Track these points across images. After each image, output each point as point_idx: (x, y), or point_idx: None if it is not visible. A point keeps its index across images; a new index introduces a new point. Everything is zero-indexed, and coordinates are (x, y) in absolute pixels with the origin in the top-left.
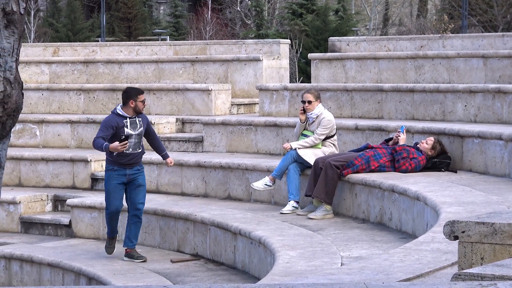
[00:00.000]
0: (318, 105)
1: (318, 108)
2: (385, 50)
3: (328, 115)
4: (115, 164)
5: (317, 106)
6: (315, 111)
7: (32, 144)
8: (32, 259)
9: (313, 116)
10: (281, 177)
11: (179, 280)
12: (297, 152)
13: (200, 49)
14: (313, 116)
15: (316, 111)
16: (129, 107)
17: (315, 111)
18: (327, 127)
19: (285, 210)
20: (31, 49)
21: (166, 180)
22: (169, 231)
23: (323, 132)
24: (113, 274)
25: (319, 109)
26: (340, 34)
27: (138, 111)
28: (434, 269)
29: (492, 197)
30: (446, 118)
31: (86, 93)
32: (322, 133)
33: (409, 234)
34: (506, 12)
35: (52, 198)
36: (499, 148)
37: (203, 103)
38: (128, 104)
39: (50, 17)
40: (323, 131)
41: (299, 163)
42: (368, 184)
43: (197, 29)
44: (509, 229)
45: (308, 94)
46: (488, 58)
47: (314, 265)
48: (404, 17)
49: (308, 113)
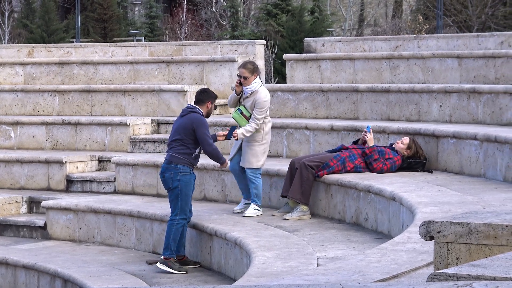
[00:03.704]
0: (255, 80)
1: (255, 83)
2: (360, 50)
3: (264, 94)
4: (192, 166)
5: (254, 81)
6: (251, 87)
7: (7, 146)
8: (7, 261)
9: (249, 91)
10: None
11: (155, 281)
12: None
13: (175, 50)
14: (249, 91)
15: (252, 86)
16: (205, 107)
17: (251, 86)
18: (264, 109)
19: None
20: (5, 51)
21: (142, 181)
22: (144, 233)
23: (261, 115)
24: (89, 276)
25: (255, 84)
26: (316, 34)
27: (209, 114)
28: (410, 269)
29: (468, 197)
30: (421, 119)
31: (61, 94)
32: (261, 116)
33: (385, 234)
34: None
35: (27, 200)
36: (474, 148)
37: (178, 104)
38: (205, 105)
39: (24, 18)
40: (261, 114)
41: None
42: (344, 184)
43: (172, 30)
44: (484, 229)
45: (243, 69)
46: (463, 58)
47: (290, 266)
48: (379, 17)
49: (244, 87)
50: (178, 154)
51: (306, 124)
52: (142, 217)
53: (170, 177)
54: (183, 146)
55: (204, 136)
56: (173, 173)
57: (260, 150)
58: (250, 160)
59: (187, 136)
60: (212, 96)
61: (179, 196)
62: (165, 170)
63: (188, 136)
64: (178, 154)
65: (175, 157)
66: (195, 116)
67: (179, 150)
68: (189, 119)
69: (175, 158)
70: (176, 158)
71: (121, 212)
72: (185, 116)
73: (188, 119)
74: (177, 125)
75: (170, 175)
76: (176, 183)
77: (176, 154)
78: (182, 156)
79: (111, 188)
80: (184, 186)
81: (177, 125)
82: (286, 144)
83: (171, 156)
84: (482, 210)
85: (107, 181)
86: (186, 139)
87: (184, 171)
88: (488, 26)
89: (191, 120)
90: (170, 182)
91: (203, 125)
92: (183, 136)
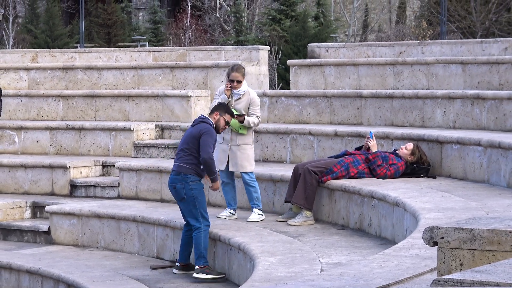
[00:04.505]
0: (244, 82)
1: (244, 85)
2: (364, 56)
3: (255, 94)
4: (200, 177)
5: (244, 83)
6: (242, 88)
7: (11, 151)
8: (11, 266)
9: (240, 93)
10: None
11: (158, 286)
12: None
13: (179, 56)
14: (240, 93)
15: (243, 88)
16: (212, 118)
17: (242, 88)
18: (259, 106)
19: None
20: (10, 56)
21: (146, 186)
22: (148, 238)
23: (259, 112)
24: (92, 281)
25: (245, 86)
26: (320, 40)
27: (218, 127)
28: (414, 275)
29: (471, 203)
30: (425, 124)
31: (65, 99)
32: (259, 112)
33: (388, 240)
34: (484, 19)
35: (31, 205)
36: (478, 154)
37: (182, 109)
38: (212, 115)
39: (28, 24)
40: (259, 111)
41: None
42: (347, 190)
43: (176, 35)
44: (488, 235)
45: (237, 73)
46: (467, 64)
47: (293, 272)
48: (383, 23)
49: (235, 90)
50: (186, 164)
51: (310, 129)
52: (146, 222)
53: (182, 187)
54: (191, 156)
55: (206, 143)
56: (184, 183)
57: (251, 154)
58: (243, 164)
59: (194, 146)
60: (222, 108)
61: (196, 205)
62: (175, 181)
63: (196, 146)
64: (186, 164)
65: (183, 167)
66: (204, 125)
67: (187, 160)
68: (198, 128)
69: (184, 169)
70: (185, 168)
71: (125, 217)
72: (195, 125)
73: (197, 129)
74: (186, 134)
75: (182, 185)
76: (190, 192)
77: (184, 164)
78: (190, 166)
79: (115, 193)
80: (198, 194)
81: (187, 134)
82: (290, 150)
83: (179, 166)
84: (486, 216)
85: (111, 186)
86: (194, 148)
87: (194, 180)
88: (492, 32)
89: (199, 129)
90: (182, 192)
91: (209, 134)
92: (191, 146)
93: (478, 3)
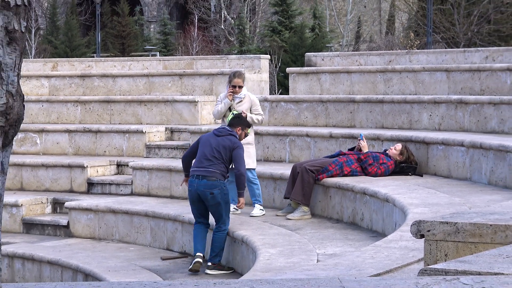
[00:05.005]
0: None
1: (244, 89)
2: (357, 64)
3: (253, 95)
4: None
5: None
6: (243, 92)
7: (33, 152)
8: (33, 257)
9: (241, 96)
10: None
11: (168, 276)
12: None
13: (187, 64)
14: (241, 96)
15: (244, 92)
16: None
17: (243, 92)
18: (259, 105)
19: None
20: (32, 65)
21: (157, 184)
22: (159, 231)
23: (261, 110)
24: (108, 270)
25: (244, 90)
26: (316, 50)
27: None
28: (402, 265)
29: (455, 199)
30: (412, 127)
31: (82, 104)
32: (261, 111)
33: (379, 233)
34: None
35: (51, 201)
36: (461, 154)
37: (190, 114)
38: (235, 129)
39: (49, 35)
40: (260, 109)
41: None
42: (341, 187)
43: (184, 45)
44: (470, 228)
45: (239, 79)
46: (451, 71)
47: (292, 262)
48: (374, 34)
49: (236, 94)
50: (221, 172)
51: (307, 132)
52: (157, 217)
53: (220, 192)
54: (223, 164)
55: (241, 157)
56: (221, 189)
57: (253, 152)
58: (247, 162)
59: (226, 156)
60: (244, 123)
61: (226, 209)
62: (212, 187)
63: (227, 156)
64: (221, 172)
65: (218, 174)
66: (235, 138)
67: (221, 168)
68: (230, 140)
69: (219, 175)
70: (220, 175)
71: (137, 212)
72: (223, 136)
73: (229, 140)
74: (215, 143)
75: (219, 190)
76: (227, 197)
77: (219, 172)
78: (223, 173)
79: (128, 190)
80: (227, 196)
81: (216, 143)
82: (288, 150)
83: (214, 172)
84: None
85: (124, 184)
86: (226, 158)
87: (226, 185)
88: (474, 42)
89: (232, 142)
90: (219, 197)
91: (242, 149)
92: (223, 156)
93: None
